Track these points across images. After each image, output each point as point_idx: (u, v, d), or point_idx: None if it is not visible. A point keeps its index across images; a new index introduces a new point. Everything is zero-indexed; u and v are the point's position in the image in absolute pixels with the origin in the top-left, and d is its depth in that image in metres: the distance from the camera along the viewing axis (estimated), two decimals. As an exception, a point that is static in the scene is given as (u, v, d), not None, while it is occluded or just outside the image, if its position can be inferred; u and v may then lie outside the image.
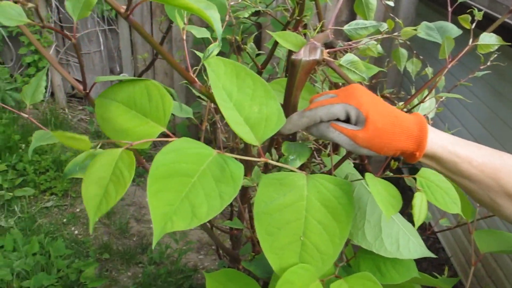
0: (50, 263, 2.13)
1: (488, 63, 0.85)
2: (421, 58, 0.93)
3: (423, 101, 0.85)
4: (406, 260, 0.67)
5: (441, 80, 0.93)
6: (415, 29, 0.80)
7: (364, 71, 0.73)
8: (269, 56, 1.15)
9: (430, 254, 0.67)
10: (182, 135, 3.08)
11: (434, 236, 2.44)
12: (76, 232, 2.45)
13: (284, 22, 1.04)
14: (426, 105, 0.94)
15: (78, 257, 2.24)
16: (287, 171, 0.62)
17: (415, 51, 0.93)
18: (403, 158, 0.62)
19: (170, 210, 0.48)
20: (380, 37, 0.82)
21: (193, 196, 0.49)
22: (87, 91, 0.65)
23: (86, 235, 2.43)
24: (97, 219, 0.48)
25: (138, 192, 2.78)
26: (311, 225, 0.56)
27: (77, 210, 2.60)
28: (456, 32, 0.82)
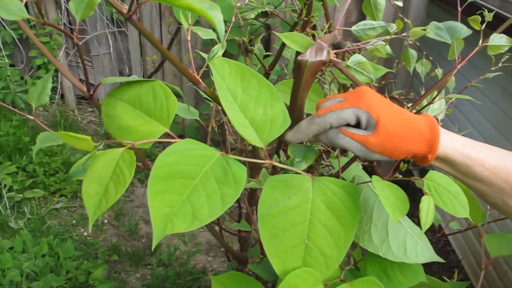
0: (59, 265, 2.13)
1: (500, 64, 0.84)
2: (431, 59, 0.92)
3: (432, 102, 0.84)
4: (414, 264, 0.66)
5: (451, 81, 0.92)
6: (424, 29, 0.79)
7: (371, 72, 0.71)
8: (277, 57, 1.14)
9: (438, 258, 0.65)
10: (191, 136, 3.08)
11: (445, 239, 2.42)
12: (85, 233, 2.46)
13: (292, 23, 1.03)
14: (436, 106, 0.92)
15: (87, 258, 2.24)
16: (293, 173, 0.61)
17: (424, 52, 0.92)
18: (414, 161, 0.60)
19: (170, 211, 0.48)
20: (388, 38, 0.80)
21: (194, 198, 0.49)
22: (91, 93, 0.65)
23: (95, 237, 2.44)
24: (96, 217, 0.48)
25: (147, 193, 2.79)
26: (315, 228, 0.55)
27: (86, 212, 2.61)
28: (466, 32, 0.81)
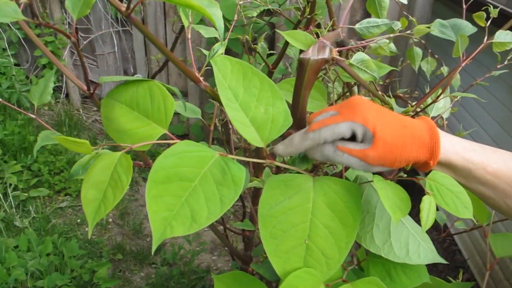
0: (64, 263, 2.14)
1: (505, 62, 0.82)
2: (437, 57, 0.91)
3: (436, 100, 0.83)
4: (417, 265, 0.65)
5: (457, 79, 0.91)
6: (428, 27, 0.78)
7: (375, 70, 0.70)
8: (280, 56, 1.13)
9: (441, 259, 0.64)
10: (195, 135, 3.08)
11: (450, 238, 2.40)
12: (89, 232, 2.46)
13: (296, 22, 1.02)
14: (440, 105, 0.91)
15: (92, 257, 2.24)
16: (295, 172, 0.61)
17: (430, 50, 0.90)
18: (416, 167, 0.59)
19: (169, 215, 0.47)
20: (392, 36, 0.80)
21: (193, 201, 0.48)
22: (91, 91, 0.65)
23: (99, 236, 2.44)
24: (95, 222, 0.47)
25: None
26: (316, 229, 0.54)
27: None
28: (470, 29, 0.79)
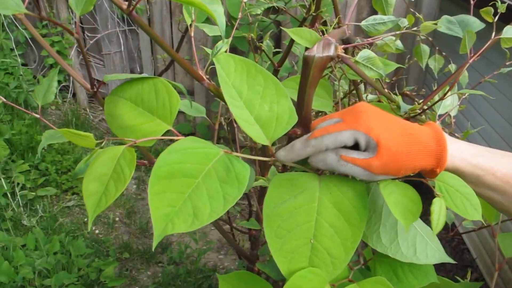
0: (71, 262, 2.15)
1: (514, 58, 0.81)
2: (444, 54, 0.90)
3: (443, 98, 0.82)
4: (424, 265, 0.64)
5: (464, 77, 0.89)
6: (435, 23, 0.77)
7: (381, 68, 0.70)
8: (286, 54, 1.12)
9: (449, 259, 0.63)
10: (202, 134, 3.08)
11: (459, 237, 2.38)
12: (96, 231, 2.47)
13: (301, 19, 1.02)
14: (448, 102, 0.90)
15: (98, 256, 2.25)
16: (300, 171, 0.60)
17: (437, 47, 0.89)
18: (422, 174, 0.58)
19: (171, 211, 0.46)
20: (398, 33, 0.79)
21: (196, 198, 0.47)
22: (95, 90, 0.64)
23: (106, 235, 2.44)
24: (95, 215, 0.47)
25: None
26: (322, 228, 0.54)
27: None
28: (478, 25, 0.78)
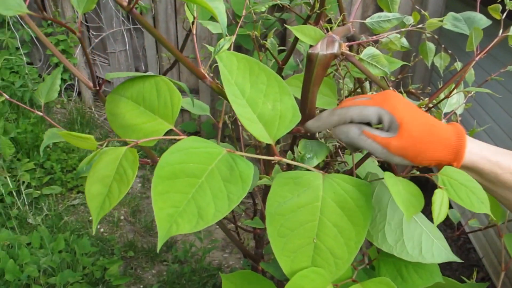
0: (76, 260, 2.15)
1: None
2: (450, 52, 0.89)
3: (449, 96, 0.81)
4: (430, 264, 0.63)
5: (470, 75, 0.88)
6: (441, 21, 0.76)
7: (386, 65, 0.69)
8: (290, 52, 1.12)
9: (455, 258, 0.63)
10: (207, 133, 3.08)
11: (465, 236, 2.37)
12: (101, 230, 2.48)
13: (305, 17, 1.01)
14: (454, 100, 0.89)
15: (103, 254, 2.25)
16: (304, 170, 0.59)
17: (443, 45, 0.88)
18: (439, 169, 0.58)
19: (175, 212, 0.46)
20: (403, 30, 0.78)
21: (200, 198, 0.47)
22: (98, 88, 0.64)
23: (111, 233, 2.45)
24: (100, 218, 0.47)
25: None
26: (325, 228, 0.53)
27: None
28: (485, 22, 0.77)
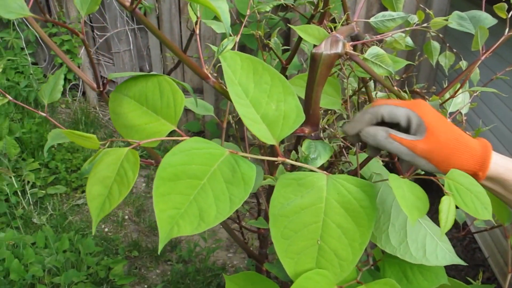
0: (80, 260, 2.15)
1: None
2: (455, 51, 0.89)
3: (454, 95, 0.80)
4: (435, 266, 0.63)
5: (476, 74, 0.88)
6: (446, 20, 0.75)
7: (390, 65, 0.68)
8: (294, 51, 1.11)
9: (460, 261, 0.62)
10: (211, 133, 3.08)
11: (470, 236, 2.35)
12: (106, 229, 2.48)
13: (309, 16, 1.01)
14: (459, 100, 0.89)
15: (108, 254, 2.26)
16: (307, 170, 0.59)
17: (448, 44, 0.88)
18: None
19: (176, 213, 0.46)
20: (408, 29, 0.77)
21: (201, 199, 0.47)
22: (101, 89, 0.64)
23: (115, 233, 2.45)
24: (99, 219, 0.46)
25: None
26: (329, 229, 0.52)
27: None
28: (490, 21, 0.77)
